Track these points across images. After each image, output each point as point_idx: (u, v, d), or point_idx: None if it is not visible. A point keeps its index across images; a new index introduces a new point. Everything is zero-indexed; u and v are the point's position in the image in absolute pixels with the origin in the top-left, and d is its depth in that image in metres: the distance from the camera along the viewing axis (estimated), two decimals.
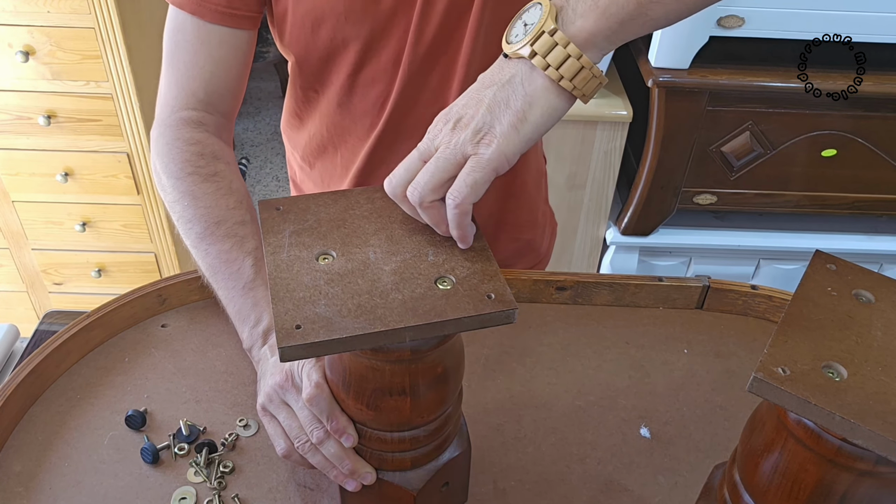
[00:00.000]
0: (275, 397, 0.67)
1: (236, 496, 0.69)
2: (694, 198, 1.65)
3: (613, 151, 1.66)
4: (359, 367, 0.58)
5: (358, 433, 0.62)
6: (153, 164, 0.83)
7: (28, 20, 1.56)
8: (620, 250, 1.78)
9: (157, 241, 1.90)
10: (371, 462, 0.64)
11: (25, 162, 1.75)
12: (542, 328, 0.88)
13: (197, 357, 0.82)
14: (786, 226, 1.74)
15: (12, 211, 1.85)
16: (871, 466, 0.51)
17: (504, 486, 0.71)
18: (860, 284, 0.58)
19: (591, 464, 0.73)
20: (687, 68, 1.47)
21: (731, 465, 0.62)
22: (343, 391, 0.60)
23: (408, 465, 0.64)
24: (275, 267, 0.57)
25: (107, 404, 0.77)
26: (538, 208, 1.07)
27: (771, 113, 1.52)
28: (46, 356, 0.77)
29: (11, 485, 0.69)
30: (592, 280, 0.89)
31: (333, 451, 0.63)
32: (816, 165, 1.59)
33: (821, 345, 0.53)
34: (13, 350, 1.15)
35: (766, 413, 0.57)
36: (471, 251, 0.58)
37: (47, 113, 1.68)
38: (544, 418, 0.78)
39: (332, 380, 0.61)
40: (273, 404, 0.67)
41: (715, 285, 0.89)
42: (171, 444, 0.73)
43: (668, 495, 0.71)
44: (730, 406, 0.79)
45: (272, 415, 0.67)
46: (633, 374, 0.83)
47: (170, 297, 0.87)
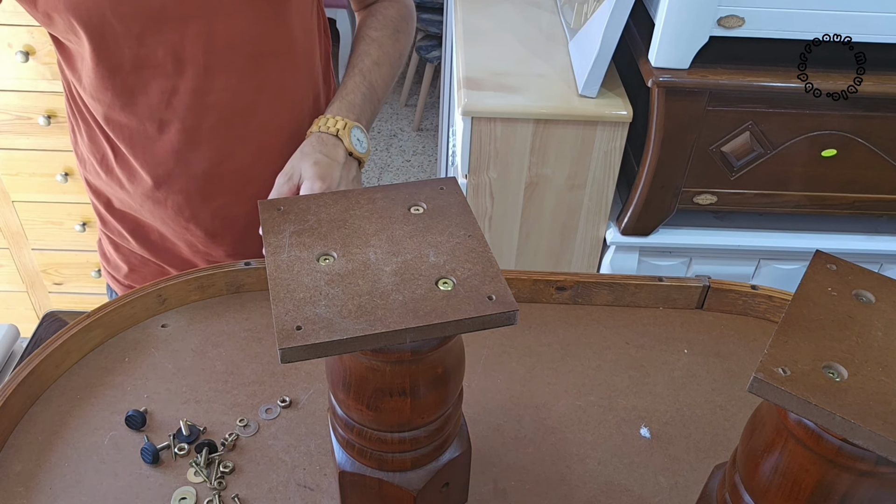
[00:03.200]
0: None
1: (236, 496, 0.69)
2: (694, 198, 1.65)
3: (613, 151, 1.66)
4: (359, 368, 0.58)
5: (358, 434, 0.62)
6: None
7: (28, 20, 1.56)
8: (620, 250, 1.78)
9: None
10: (371, 463, 0.64)
11: (25, 162, 1.75)
12: (542, 328, 0.88)
13: (197, 357, 0.82)
14: (786, 226, 1.74)
15: (12, 211, 1.85)
16: (871, 467, 0.51)
17: (504, 486, 0.71)
18: (860, 284, 0.58)
19: (591, 464, 0.73)
20: (687, 68, 1.47)
21: (731, 466, 0.62)
22: (343, 391, 0.60)
23: (408, 466, 0.64)
24: (275, 267, 0.57)
25: (107, 404, 0.77)
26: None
27: (771, 113, 1.52)
28: (46, 356, 0.77)
29: (11, 485, 0.69)
30: (592, 280, 0.89)
31: None
32: (816, 165, 1.59)
33: (821, 345, 0.53)
34: (13, 350, 1.15)
35: (766, 413, 0.57)
36: (471, 252, 0.58)
37: (47, 113, 1.68)
38: (544, 418, 0.78)
39: (333, 381, 0.61)
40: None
41: (715, 285, 0.89)
42: (171, 444, 0.73)
43: (668, 495, 0.71)
44: (730, 406, 0.79)
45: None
46: (633, 374, 0.83)
47: (170, 297, 0.87)
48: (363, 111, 0.97)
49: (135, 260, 1.09)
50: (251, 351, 0.83)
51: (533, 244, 1.81)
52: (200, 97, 0.91)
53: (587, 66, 1.55)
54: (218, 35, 0.88)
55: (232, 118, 0.94)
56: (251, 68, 0.92)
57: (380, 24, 1.03)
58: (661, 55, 1.47)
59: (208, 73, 0.90)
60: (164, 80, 0.89)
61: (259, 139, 0.97)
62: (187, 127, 0.93)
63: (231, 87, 0.92)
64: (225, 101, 0.92)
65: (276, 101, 0.96)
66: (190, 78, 0.90)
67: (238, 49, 0.90)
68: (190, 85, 0.90)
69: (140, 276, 1.11)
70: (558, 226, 1.79)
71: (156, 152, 0.95)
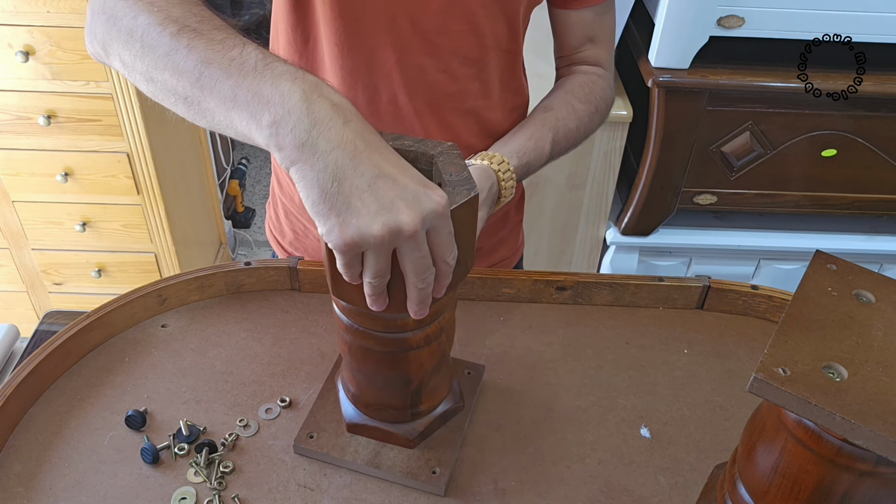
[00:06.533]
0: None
1: (236, 496, 0.69)
2: (694, 198, 1.65)
3: (613, 151, 1.66)
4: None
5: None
6: (91, 12, 0.66)
7: (28, 20, 1.56)
8: (620, 250, 1.78)
9: (157, 241, 1.90)
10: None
11: (25, 162, 1.75)
12: (542, 328, 0.88)
13: (197, 357, 0.82)
14: (786, 226, 1.74)
15: (12, 211, 1.85)
16: (871, 467, 0.51)
17: (504, 486, 0.71)
18: (860, 284, 0.58)
19: (591, 464, 0.73)
20: (687, 68, 1.47)
21: (731, 465, 0.62)
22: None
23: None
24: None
25: (107, 404, 0.77)
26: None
27: (771, 113, 1.52)
28: (46, 356, 0.77)
29: (11, 485, 0.69)
30: (592, 280, 0.89)
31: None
32: (816, 165, 1.59)
33: (821, 345, 0.53)
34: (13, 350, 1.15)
35: (766, 413, 0.57)
36: None
37: (47, 113, 1.68)
38: (544, 418, 0.78)
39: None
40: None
41: (715, 285, 0.89)
42: (171, 444, 0.73)
43: (668, 495, 0.71)
44: (730, 406, 0.79)
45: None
46: (633, 374, 0.83)
47: (170, 297, 0.87)
48: (525, 175, 0.92)
49: (299, 228, 1.07)
50: (251, 351, 0.83)
51: (533, 244, 1.81)
52: (420, 73, 0.89)
53: None
54: (453, 16, 0.86)
55: (441, 100, 0.92)
56: (474, 57, 0.90)
57: (585, 97, 0.97)
58: (661, 55, 1.47)
59: (434, 52, 0.88)
60: (391, 50, 0.87)
61: (458, 128, 0.95)
62: (397, 100, 0.91)
63: (450, 70, 0.90)
64: (440, 83, 0.90)
65: (486, 95, 0.94)
66: (416, 52, 0.87)
67: (466, 35, 0.88)
68: (414, 60, 0.88)
69: (301, 247, 1.08)
70: (558, 226, 1.79)
71: None
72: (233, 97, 0.55)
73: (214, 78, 0.56)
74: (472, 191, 0.59)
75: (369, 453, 0.72)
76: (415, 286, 0.56)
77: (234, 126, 0.57)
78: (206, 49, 0.58)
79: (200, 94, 0.57)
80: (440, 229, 0.55)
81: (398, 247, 0.54)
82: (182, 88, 0.59)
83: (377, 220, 0.52)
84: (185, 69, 0.58)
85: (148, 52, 0.60)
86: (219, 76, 0.56)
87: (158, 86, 0.61)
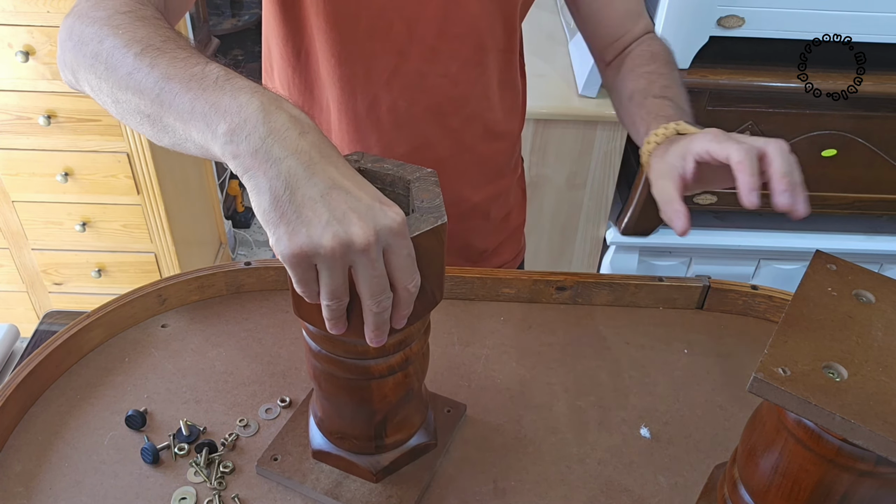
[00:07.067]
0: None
1: (236, 496, 0.69)
2: (694, 198, 1.65)
3: (613, 151, 1.66)
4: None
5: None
6: (61, 42, 0.66)
7: (28, 20, 1.56)
8: (620, 250, 1.78)
9: (157, 241, 1.90)
10: None
11: (25, 162, 1.75)
12: (542, 328, 0.88)
13: (197, 357, 0.82)
14: (786, 226, 1.74)
15: (12, 211, 1.85)
16: (871, 467, 0.51)
17: (504, 486, 0.71)
18: (860, 284, 0.58)
19: (591, 464, 0.73)
20: (687, 68, 1.47)
21: (731, 465, 0.62)
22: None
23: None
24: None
25: (107, 404, 0.77)
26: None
27: (771, 113, 1.52)
28: (46, 356, 0.77)
29: (11, 485, 0.69)
30: (592, 280, 0.89)
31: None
32: (816, 165, 1.59)
33: (821, 345, 0.53)
34: (13, 350, 1.15)
35: (766, 413, 0.57)
36: None
37: (47, 113, 1.68)
38: (544, 418, 0.78)
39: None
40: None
41: (715, 285, 0.89)
42: (171, 444, 0.73)
43: (668, 495, 0.71)
44: (730, 406, 0.79)
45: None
46: (633, 374, 0.83)
47: (170, 297, 0.87)
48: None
49: None
50: (251, 351, 0.83)
51: (533, 244, 1.81)
52: (420, 79, 0.89)
53: (588, 66, 1.55)
54: (452, 20, 0.86)
55: (443, 105, 0.92)
56: (475, 59, 0.90)
57: (649, 58, 0.93)
58: None
59: (434, 57, 0.88)
60: (389, 57, 0.87)
61: (461, 132, 0.95)
62: (398, 107, 0.91)
63: (451, 74, 0.90)
64: (442, 88, 0.90)
65: (486, 97, 0.94)
66: (415, 58, 0.88)
67: (465, 38, 0.88)
68: (413, 66, 0.88)
69: None
70: (558, 226, 1.79)
71: (360, 128, 0.92)
72: (191, 109, 0.54)
73: (174, 92, 0.55)
74: (439, 219, 0.55)
75: (331, 483, 0.69)
76: (370, 310, 0.53)
77: (192, 138, 0.55)
78: (168, 66, 0.57)
79: (160, 110, 0.56)
80: (397, 249, 0.52)
81: (352, 264, 0.51)
82: (144, 106, 0.58)
83: (328, 231, 0.49)
84: (147, 87, 0.57)
85: (111, 72, 0.60)
86: (178, 90, 0.55)
87: (123, 106, 0.60)
